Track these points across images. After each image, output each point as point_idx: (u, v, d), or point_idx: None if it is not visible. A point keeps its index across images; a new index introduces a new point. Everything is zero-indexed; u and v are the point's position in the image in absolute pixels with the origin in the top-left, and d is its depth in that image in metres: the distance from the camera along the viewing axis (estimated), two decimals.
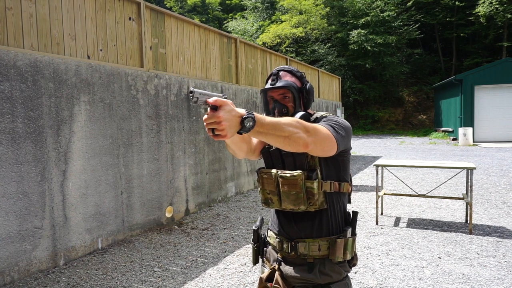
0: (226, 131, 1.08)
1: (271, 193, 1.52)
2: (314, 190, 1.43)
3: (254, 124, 1.11)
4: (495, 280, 3.26)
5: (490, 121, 17.13)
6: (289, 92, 1.51)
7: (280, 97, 1.52)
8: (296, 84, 1.53)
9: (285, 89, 1.50)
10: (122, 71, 4.50)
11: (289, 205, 1.47)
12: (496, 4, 21.63)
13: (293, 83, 1.52)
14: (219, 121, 1.06)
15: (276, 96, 1.53)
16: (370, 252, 4.01)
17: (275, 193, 1.51)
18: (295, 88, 1.51)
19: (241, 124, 1.10)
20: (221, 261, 3.84)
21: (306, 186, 1.43)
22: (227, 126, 1.07)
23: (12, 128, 3.31)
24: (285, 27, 24.81)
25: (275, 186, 1.50)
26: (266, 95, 1.56)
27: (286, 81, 1.52)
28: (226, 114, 1.07)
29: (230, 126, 1.08)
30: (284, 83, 1.51)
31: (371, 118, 26.04)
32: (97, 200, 4.14)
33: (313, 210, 1.46)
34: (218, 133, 1.08)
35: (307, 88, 1.54)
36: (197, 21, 6.34)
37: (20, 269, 3.37)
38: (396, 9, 25.15)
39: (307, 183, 1.43)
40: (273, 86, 1.51)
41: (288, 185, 1.45)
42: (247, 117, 1.09)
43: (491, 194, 6.61)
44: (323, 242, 1.47)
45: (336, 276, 1.48)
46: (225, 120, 1.06)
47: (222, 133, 1.08)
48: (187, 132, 5.66)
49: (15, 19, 3.39)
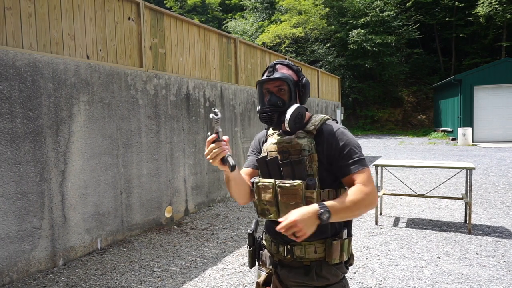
0: (308, 232, 1.28)
1: (268, 204, 1.47)
2: (314, 200, 1.39)
3: (330, 215, 1.30)
4: (494, 280, 3.27)
5: (489, 121, 17.14)
6: (285, 84, 1.48)
7: (276, 89, 1.50)
8: (292, 77, 1.51)
9: (281, 81, 1.48)
10: (121, 71, 4.50)
11: None
12: (496, 4, 21.65)
13: (290, 76, 1.50)
14: (300, 230, 1.26)
15: (272, 88, 1.50)
16: (369, 252, 4.01)
17: (273, 203, 1.46)
18: (291, 80, 1.49)
19: (319, 219, 1.29)
20: (221, 261, 3.84)
21: (306, 196, 1.40)
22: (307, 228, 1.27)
23: (11, 128, 3.31)
24: (285, 27, 24.81)
25: (273, 196, 1.45)
26: (262, 87, 1.53)
27: (283, 73, 1.50)
28: (303, 222, 1.26)
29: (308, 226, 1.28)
30: (281, 75, 1.48)
31: (370, 118, 26.05)
32: (97, 200, 4.13)
33: None
34: (301, 235, 1.28)
35: (303, 82, 1.52)
36: (197, 21, 6.34)
37: (19, 270, 3.37)
38: (396, 9, 25.16)
39: (307, 193, 1.40)
40: (269, 78, 1.49)
41: (287, 195, 1.41)
42: (322, 212, 1.29)
43: (490, 194, 6.61)
44: (319, 244, 1.45)
45: (333, 279, 1.46)
46: (304, 226, 1.26)
47: (303, 235, 1.28)
48: (187, 132, 5.65)
49: (14, 19, 3.38)
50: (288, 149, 1.47)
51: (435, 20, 26.11)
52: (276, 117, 1.48)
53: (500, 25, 23.71)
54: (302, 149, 1.44)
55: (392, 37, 24.06)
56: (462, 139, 15.98)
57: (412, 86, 27.18)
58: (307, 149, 1.44)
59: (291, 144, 1.47)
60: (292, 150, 1.46)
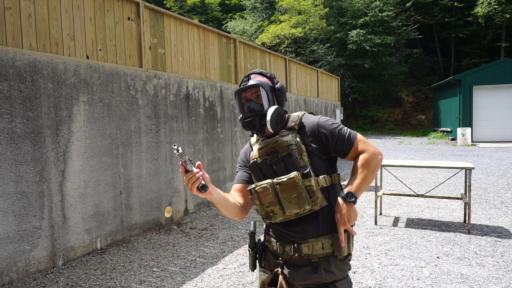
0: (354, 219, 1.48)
1: (271, 205, 1.47)
2: (313, 187, 1.43)
3: (355, 195, 1.47)
4: (493, 279, 3.27)
5: (489, 121, 17.16)
6: (261, 89, 1.56)
7: (254, 96, 1.57)
8: (267, 83, 1.60)
9: (257, 87, 1.56)
10: (121, 71, 4.50)
11: (294, 209, 1.44)
12: (495, 4, 21.67)
13: (264, 82, 1.59)
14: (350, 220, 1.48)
15: (250, 95, 1.58)
16: (369, 252, 4.02)
17: (275, 203, 1.46)
18: (266, 86, 1.57)
19: (352, 203, 1.46)
20: (220, 261, 3.84)
21: (305, 185, 1.43)
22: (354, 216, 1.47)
23: (10, 128, 3.31)
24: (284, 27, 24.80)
25: (273, 195, 1.46)
26: (241, 96, 1.61)
27: (258, 80, 1.58)
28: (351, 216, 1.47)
29: (351, 215, 1.46)
30: (256, 81, 1.57)
31: (370, 118, 26.07)
32: (96, 200, 4.14)
33: (318, 208, 1.45)
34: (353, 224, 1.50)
35: (278, 86, 1.61)
36: (196, 21, 6.34)
37: (18, 269, 3.37)
38: (395, 9, 25.17)
39: (305, 182, 1.43)
40: (245, 86, 1.57)
41: (287, 190, 1.43)
42: (350, 199, 1.46)
43: (490, 194, 6.62)
44: (326, 240, 1.48)
45: (340, 274, 1.49)
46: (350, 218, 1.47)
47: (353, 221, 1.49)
48: (186, 132, 5.66)
49: (13, 19, 3.39)
50: (276, 148, 1.53)
51: (434, 20, 26.13)
52: (257, 121, 1.54)
53: (499, 25, 23.74)
54: (288, 144, 1.50)
55: (392, 37, 24.08)
56: (461, 139, 16.00)
57: (411, 86, 27.21)
58: (293, 143, 1.49)
59: (277, 143, 1.53)
60: (279, 148, 1.52)
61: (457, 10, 25.57)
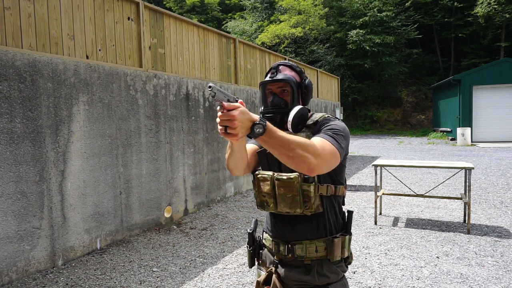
0: (238, 130, 1.12)
1: (267, 196, 1.49)
2: (311, 193, 1.40)
3: (264, 132, 1.15)
4: (493, 279, 3.27)
5: (488, 121, 17.17)
6: (288, 85, 1.49)
7: (279, 91, 1.50)
8: (295, 79, 1.52)
9: (284, 83, 1.49)
10: (121, 71, 4.50)
11: (285, 208, 1.44)
12: (495, 4, 21.68)
13: (292, 77, 1.51)
14: (233, 120, 1.10)
15: (275, 89, 1.51)
16: (368, 252, 4.02)
17: (271, 195, 1.47)
18: (294, 82, 1.49)
19: (251, 129, 1.15)
20: (220, 261, 3.84)
21: (302, 189, 1.41)
22: (239, 126, 1.12)
23: (10, 128, 3.31)
24: (284, 27, 24.82)
25: (271, 188, 1.46)
26: (265, 88, 1.53)
27: (285, 74, 1.50)
28: (240, 115, 1.11)
29: (242, 126, 1.12)
30: (284, 76, 1.49)
31: (369, 118, 26.07)
32: (96, 200, 4.14)
33: (309, 214, 1.43)
34: (230, 131, 1.12)
35: (306, 83, 1.53)
36: (196, 21, 6.34)
37: (18, 269, 3.37)
38: (395, 9, 25.20)
39: (304, 186, 1.40)
40: (272, 79, 1.49)
41: (284, 188, 1.42)
42: (258, 123, 1.15)
43: (489, 194, 6.63)
44: (320, 243, 1.45)
45: (334, 277, 1.47)
46: (238, 120, 1.11)
47: (234, 131, 1.12)
48: (186, 132, 5.66)
49: (13, 19, 3.38)
50: None
51: (434, 20, 26.15)
52: (279, 118, 1.48)
53: (499, 25, 23.75)
54: None
55: (391, 37, 24.08)
56: (461, 139, 16.00)
57: (411, 86, 27.22)
58: None
59: None
60: None
61: (457, 10, 25.58)
